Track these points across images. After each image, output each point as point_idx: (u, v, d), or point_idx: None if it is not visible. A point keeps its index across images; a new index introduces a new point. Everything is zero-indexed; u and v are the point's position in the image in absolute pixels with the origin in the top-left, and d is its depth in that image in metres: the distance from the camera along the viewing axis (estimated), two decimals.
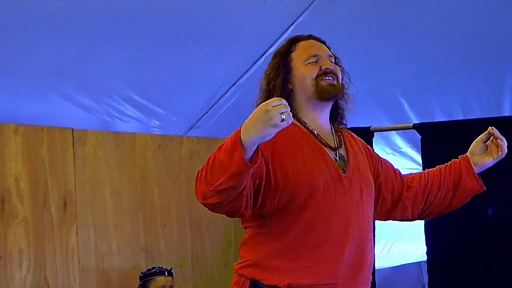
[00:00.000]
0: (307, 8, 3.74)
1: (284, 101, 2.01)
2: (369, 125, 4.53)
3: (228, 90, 4.35)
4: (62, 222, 4.08)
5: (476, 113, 4.61)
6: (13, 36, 3.37)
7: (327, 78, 2.42)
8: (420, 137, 4.32)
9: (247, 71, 4.18)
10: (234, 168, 2.02)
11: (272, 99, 2.03)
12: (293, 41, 2.50)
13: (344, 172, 2.38)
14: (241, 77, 4.23)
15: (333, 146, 2.44)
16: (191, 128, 4.78)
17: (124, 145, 4.47)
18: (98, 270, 4.25)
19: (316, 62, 2.43)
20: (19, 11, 3.23)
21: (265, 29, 3.88)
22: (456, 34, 4.03)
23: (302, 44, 2.49)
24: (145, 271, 4.19)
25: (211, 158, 2.09)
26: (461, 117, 4.65)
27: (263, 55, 4.00)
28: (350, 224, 2.34)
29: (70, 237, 4.12)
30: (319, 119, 2.46)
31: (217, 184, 2.06)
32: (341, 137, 2.53)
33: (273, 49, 3.94)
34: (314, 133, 2.42)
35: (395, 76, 4.48)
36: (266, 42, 3.97)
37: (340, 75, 2.49)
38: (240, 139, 2.00)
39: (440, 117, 4.70)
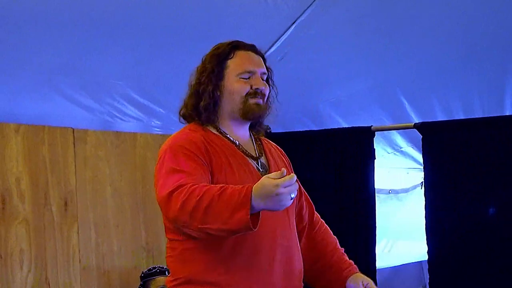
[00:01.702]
0: (308, 7, 3.74)
1: (294, 180, 2.03)
2: (370, 125, 4.53)
3: None
4: (63, 221, 4.08)
5: (477, 113, 4.60)
6: (13, 36, 3.37)
7: (258, 98, 2.42)
8: (421, 136, 4.32)
9: None
10: (233, 226, 2.06)
11: (284, 179, 2.01)
12: (233, 48, 2.49)
13: None
14: None
15: (254, 155, 2.45)
16: None
17: (125, 144, 4.47)
18: (99, 270, 4.25)
19: (248, 78, 2.43)
20: (19, 11, 3.22)
21: (266, 29, 3.88)
22: (457, 34, 4.02)
23: (240, 54, 2.48)
24: (146, 271, 4.19)
25: (207, 199, 2.08)
26: (462, 117, 4.65)
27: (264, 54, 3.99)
28: (277, 234, 2.38)
29: (71, 237, 4.12)
30: (238, 130, 2.48)
31: (206, 226, 2.09)
32: (261, 145, 2.54)
33: (274, 49, 3.96)
34: (236, 143, 2.43)
35: (396, 76, 4.48)
36: (267, 41, 3.96)
37: (267, 93, 2.48)
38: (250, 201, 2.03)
39: (441, 117, 4.70)
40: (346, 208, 4.52)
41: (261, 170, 2.42)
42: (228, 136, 2.44)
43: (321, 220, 2.73)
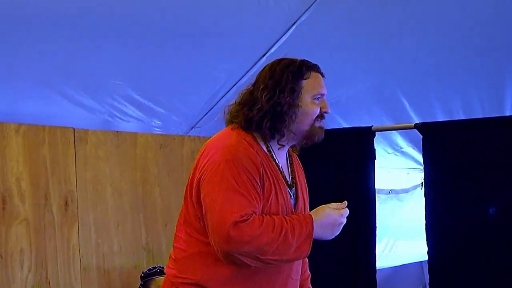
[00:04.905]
0: (309, 7, 3.74)
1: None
2: (370, 125, 4.53)
3: (229, 90, 4.35)
4: (63, 221, 4.08)
5: (477, 113, 4.61)
6: (14, 36, 3.37)
7: (321, 120, 2.47)
8: (422, 136, 4.32)
9: (248, 71, 4.18)
10: (293, 256, 2.24)
11: (347, 210, 2.35)
12: (308, 68, 2.46)
13: (294, 211, 2.44)
14: (242, 77, 4.23)
15: (290, 183, 2.49)
16: (192, 128, 4.78)
17: (126, 144, 4.47)
18: (99, 270, 4.25)
19: (319, 100, 2.46)
20: (20, 11, 3.22)
21: (267, 29, 3.88)
22: (457, 34, 4.02)
23: (315, 75, 2.47)
24: (146, 271, 4.19)
25: (280, 235, 2.20)
26: (462, 117, 4.65)
27: (264, 55, 4.00)
28: (293, 269, 2.45)
29: (72, 237, 4.12)
30: (282, 150, 2.49)
31: (267, 258, 2.20)
32: (292, 165, 2.57)
33: (274, 49, 3.95)
34: (279, 166, 2.45)
35: (396, 76, 4.48)
36: (267, 42, 3.97)
37: None
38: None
39: (441, 117, 4.70)
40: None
41: (292, 199, 2.47)
42: (274, 156, 2.44)
43: None
